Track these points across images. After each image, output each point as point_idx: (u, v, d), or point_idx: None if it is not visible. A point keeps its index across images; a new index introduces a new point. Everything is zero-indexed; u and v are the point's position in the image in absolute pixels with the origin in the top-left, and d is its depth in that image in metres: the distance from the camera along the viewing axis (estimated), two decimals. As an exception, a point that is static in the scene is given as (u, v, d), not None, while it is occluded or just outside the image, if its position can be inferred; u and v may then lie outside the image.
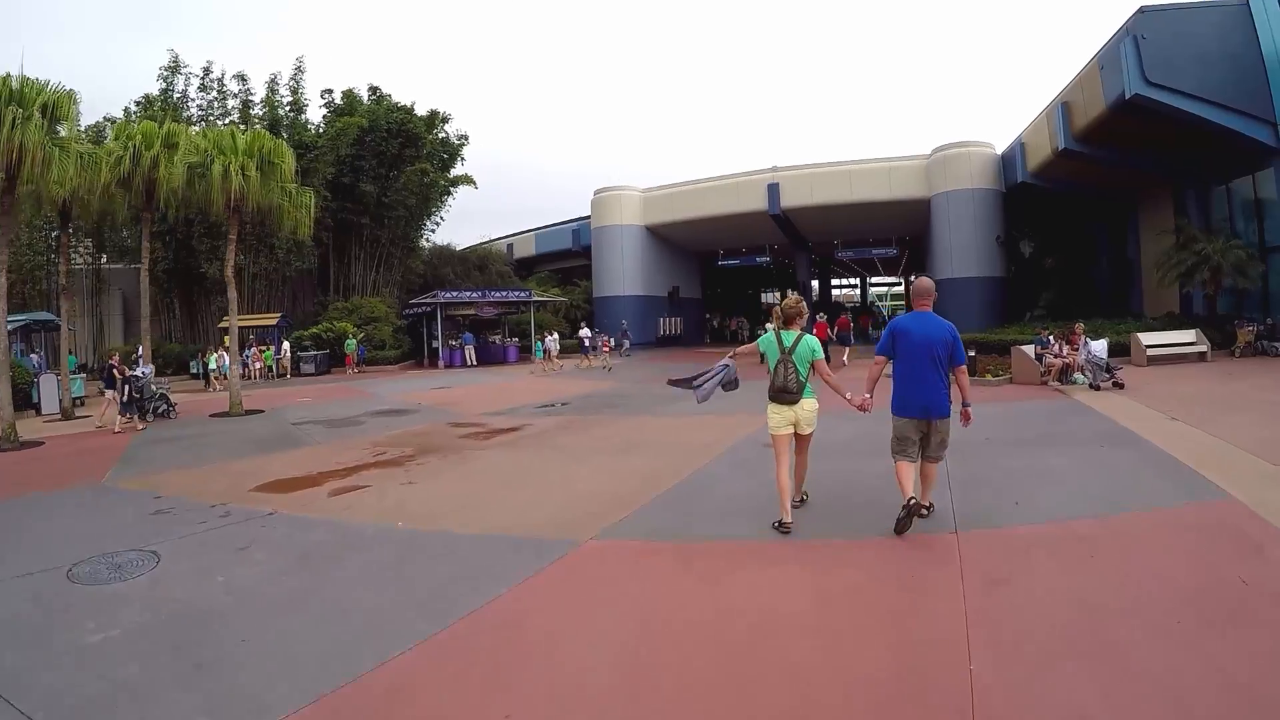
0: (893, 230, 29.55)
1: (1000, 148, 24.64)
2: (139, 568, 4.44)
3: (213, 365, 21.19)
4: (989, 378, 12.63)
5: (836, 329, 20.85)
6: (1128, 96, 14.42)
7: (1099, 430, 7.82)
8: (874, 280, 57.50)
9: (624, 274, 31.17)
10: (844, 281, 57.91)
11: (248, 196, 13.29)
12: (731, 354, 5.39)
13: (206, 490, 6.70)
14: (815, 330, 21.93)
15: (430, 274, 33.97)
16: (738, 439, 8.14)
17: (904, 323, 4.68)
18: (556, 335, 23.47)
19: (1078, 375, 11.80)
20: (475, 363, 25.25)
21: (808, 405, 4.79)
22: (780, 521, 4.68)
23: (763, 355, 4.92)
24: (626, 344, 22.30)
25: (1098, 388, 10.92)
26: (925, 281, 4.75)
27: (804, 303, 5.08)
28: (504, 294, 28.07)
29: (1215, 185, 17.65)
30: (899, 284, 59.45)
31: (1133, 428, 7.73)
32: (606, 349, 21.93)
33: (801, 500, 5.19)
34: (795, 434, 4.85)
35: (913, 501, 4.33)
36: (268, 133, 16.24)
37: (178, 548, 4.85)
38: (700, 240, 32.99)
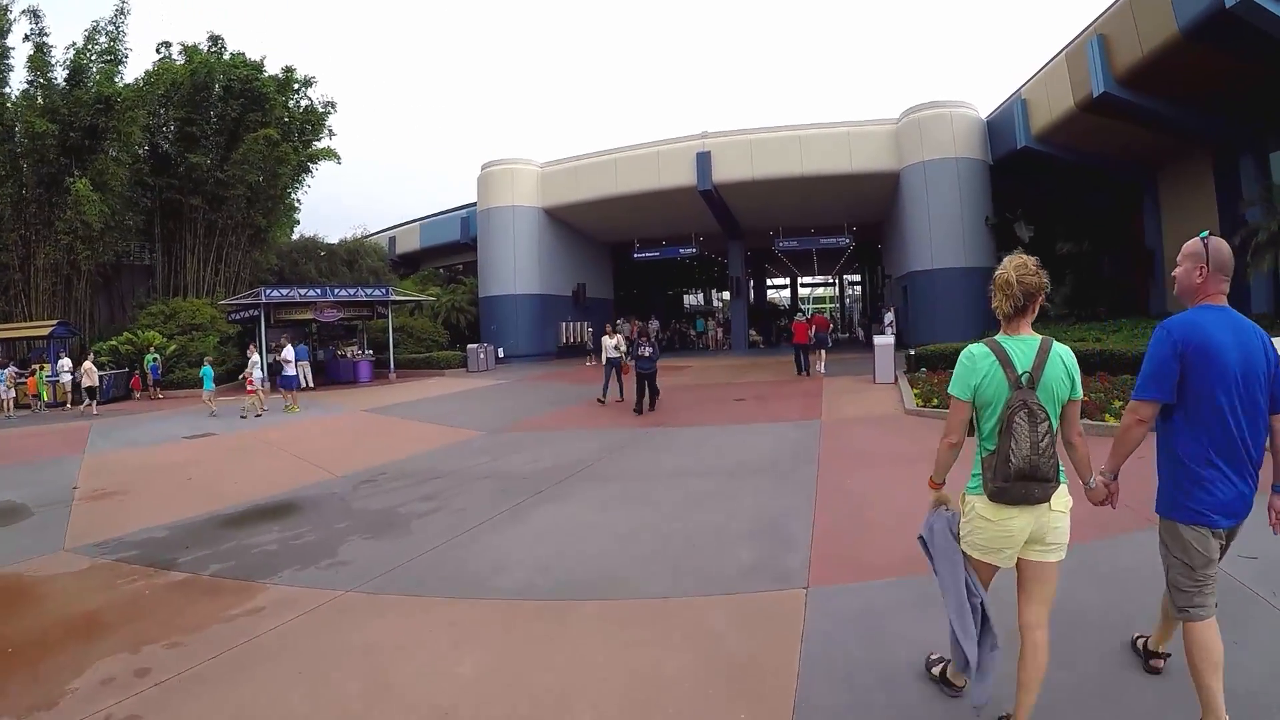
0: (847, 215, 24.91)
1: (983, 112, 20.57)
2: None
3: None
4: (1110, 419, 7.71)
5: (815, 329, 16.04)
6: (1229, 3, 10.12)
7: None
8: (804, 280, 52.74)
9: (516, 267, 24.91)
10: (776, 281, 53.54)
11: None
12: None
13: None
14: (795, 333, 16.00)
15: (289, 270, 28.19)
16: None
17: (1202, 327, 2.10)
18: (257, 358, 14.35)
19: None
20: (311, 384, 18.49)
21: (1061, 504, 2.12)
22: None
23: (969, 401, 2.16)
24: (647, 349, 11.58)
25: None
26: (1225, 248, 2.17)
27: (1044, 272, 2.21)
28: (352, 292, 21.16)
29: (1275, 149, 13.91)
30: (831, 284, 55.67)
31: None
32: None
33: None
34: (1027, 561, 2.16)
35: None
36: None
37: None
38: (612, 227, 27.17)
